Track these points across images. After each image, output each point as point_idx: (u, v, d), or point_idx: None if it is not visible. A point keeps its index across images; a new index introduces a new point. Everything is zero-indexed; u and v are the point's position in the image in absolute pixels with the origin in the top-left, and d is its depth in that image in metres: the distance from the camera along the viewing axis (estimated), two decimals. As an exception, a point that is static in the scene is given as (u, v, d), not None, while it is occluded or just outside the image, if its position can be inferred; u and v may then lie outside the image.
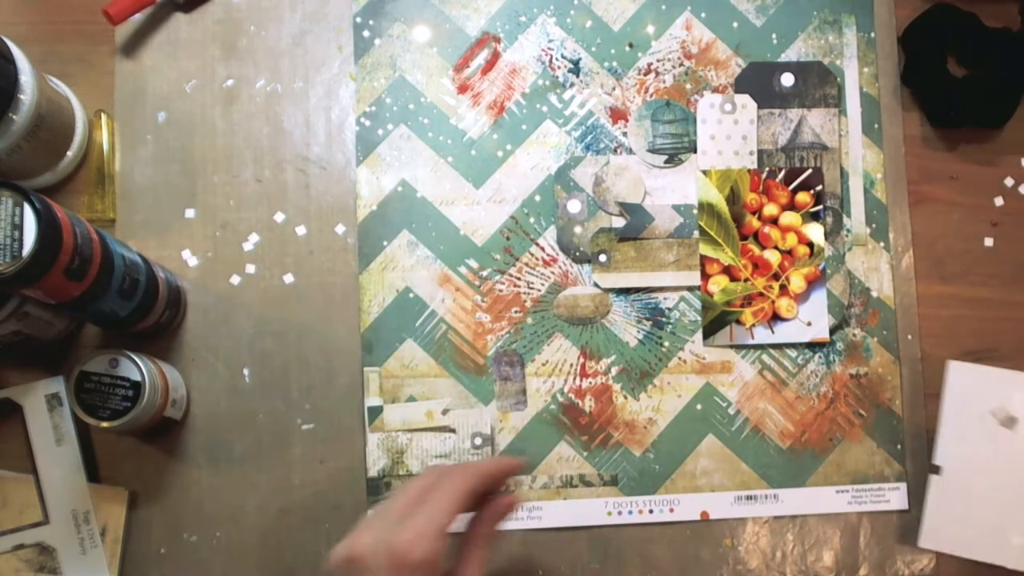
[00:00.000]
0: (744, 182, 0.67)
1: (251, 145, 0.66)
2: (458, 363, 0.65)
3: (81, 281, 0.51)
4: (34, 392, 0.61)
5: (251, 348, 0.64)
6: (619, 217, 0.67)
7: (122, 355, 0.57)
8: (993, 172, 0.70)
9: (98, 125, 0.65)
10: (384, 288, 0.65)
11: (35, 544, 0.60)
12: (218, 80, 0.66)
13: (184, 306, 0.64)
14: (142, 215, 0.65)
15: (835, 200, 0.68)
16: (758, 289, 0.67)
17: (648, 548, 0.64)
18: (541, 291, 0.66)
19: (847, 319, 0.67)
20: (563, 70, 0.68)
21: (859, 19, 0.69)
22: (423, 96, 0.67)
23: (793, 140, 0.68)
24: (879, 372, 0.67)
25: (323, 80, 0.67)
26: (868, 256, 0.68)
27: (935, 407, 0.67)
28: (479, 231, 0.66)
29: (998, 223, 0.69)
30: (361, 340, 0.65)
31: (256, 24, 0.67)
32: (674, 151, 0.68)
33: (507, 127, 0.67)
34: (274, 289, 0.65)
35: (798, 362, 0.66)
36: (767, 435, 0.66)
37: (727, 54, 0.68)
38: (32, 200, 0.47)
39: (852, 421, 0.66)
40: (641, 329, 0.66)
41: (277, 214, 0.66)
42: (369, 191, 0.66)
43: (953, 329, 0.68)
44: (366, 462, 0.64)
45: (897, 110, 0.69)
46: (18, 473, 0.61)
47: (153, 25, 0.67)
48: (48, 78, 0.62)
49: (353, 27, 0.67)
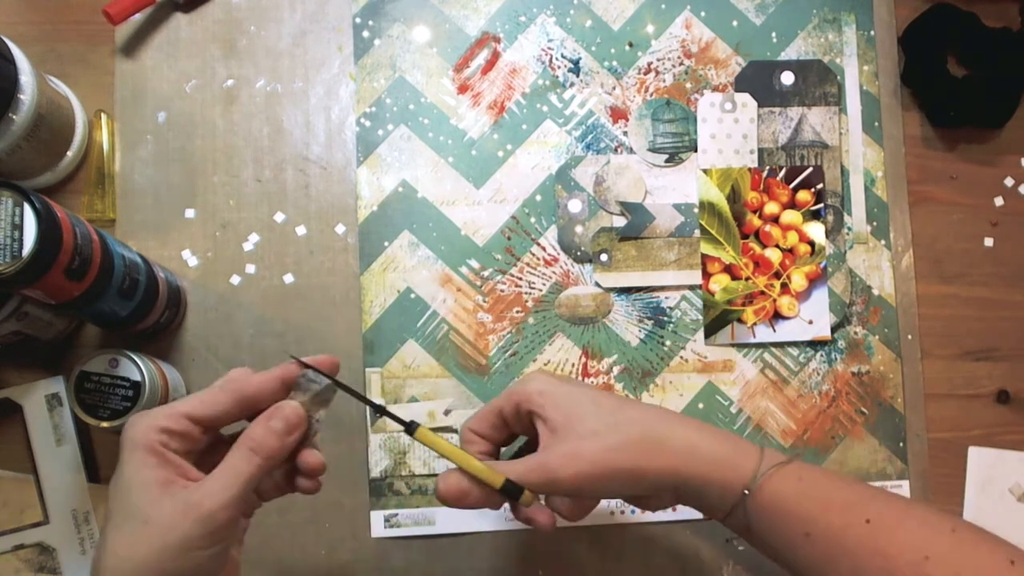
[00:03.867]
0: (745, 181, 0.67)
1: (251, 145, 0.66)
2: (460, 363, 0.65)
3: (81, 281, 0.51)
4: (34, 392, 0.61)
5: (251, 348, 0.64)
6: (620, 216, 0.67)
7: (122, 355, 0.56)
8: (993, 172, 0.70)
9: (98, 125, 0.65)
10: (385, 289, 0.65)
11: (35, 544, 0.60)
12: (218, 80, 0.66)
13: (184, 306, 0.64)
14: (142, 215, 0.65)
15: (836, 198, 0.68)
16: (759, 288, 0.66)
17: (649, 548, 0.64)
18: (542, 291, 0.66)
19: (848, 317, 0.67)
20: (563, 70, 0.68)
21: (859, 17, 0.69)
22: (423, 96, 0.67)
23: (793, 138, 0.68)
24: (881, 370, 0.67)
25: (323, 80, 0.67)
26: (869, 254, 0.68)
27: (935, 407, 0.67)
28: (480, 231, 0.66)
29: (998, 223, 0.69)
30: (363, 341, 0.65)
31: (256, 24, 0.67)
32: (675, 150, 0.68)
33: (507, 127, 0.67)
34: (274, 289, 0.65)
35: (800, 360, 0.66)
36: (769, 433, 0.66)
37: (727, 53, 0.69)
38: (32, 200, 0.47)
39: (854, 419, 0.66)
40: (643, 328, 0.66)
41: (277, 214, 0.65)
42: (370, 191, 0.66)
43: (953, 329, 0.68)
44: (368, 463, 0.63)
45: (897, 110, 0.69)
46: (18, 473, 0.61)
47: (153, 25, 0.67)
48: (48, 78, 0.62)
49: (353, 27, 0.67)
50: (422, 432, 0.49)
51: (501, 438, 0.53)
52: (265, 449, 0.43)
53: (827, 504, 0.47)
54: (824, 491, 0.48)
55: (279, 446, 0.43)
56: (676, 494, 0.49)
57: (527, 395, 0.50)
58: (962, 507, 0.66)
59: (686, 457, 0.48)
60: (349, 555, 0.63)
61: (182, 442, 0.43)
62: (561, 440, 0.48)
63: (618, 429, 0.48)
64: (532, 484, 0.48)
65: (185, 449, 0.43)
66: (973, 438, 0.67)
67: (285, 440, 0.44)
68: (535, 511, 0.50)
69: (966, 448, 0.67)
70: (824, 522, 0.46)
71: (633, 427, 0.48)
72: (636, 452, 0.47)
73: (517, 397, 0.50)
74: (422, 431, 0.49)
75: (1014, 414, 0.67)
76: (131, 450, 0.42)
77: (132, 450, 0.42)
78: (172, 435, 0.42)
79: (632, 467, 0.47)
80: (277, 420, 0.44)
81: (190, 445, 0.44)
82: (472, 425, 0.52)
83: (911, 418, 0.67)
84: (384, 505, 0.63)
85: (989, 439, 0.67)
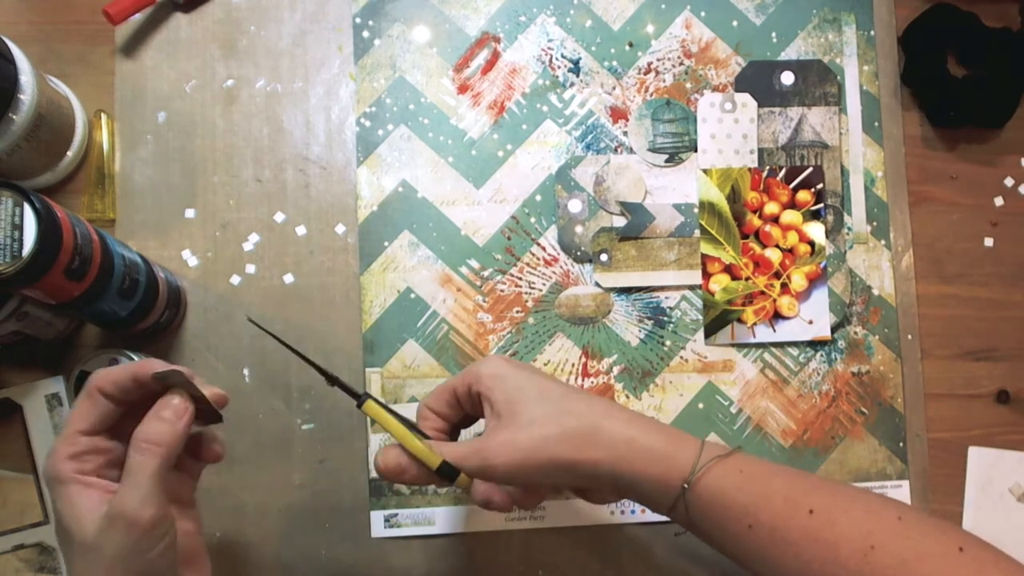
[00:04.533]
0: (745, 181, 0.67)
1: (251, 145, 0.66)
2: (460, 364, 0.65)
3: (81, 281, 0.51)
4: (34, 392, 0.61)
5: (251, 348, 0.64)
6: (620, 216, 0.67)
7: (122, 355, 0.56)
8: (993, 172, 0.70)
9: (98, 125, 0.65)
10: (385, 289, 0.65)
11: (35, 544, 0.60)
12: (218, 80, 0.66)
13: (184, 306, 0.64)
14: (142, 215, 0.65)
15: (836, 198, 0.68)
16: (759, 288, 0.66)
17: (649, 548, 0.64)
18: (542, 291, 0.66)
19: (848, 317, 0.67)
20: (563, 70, 0.68)
21: (859, 17, 0.69)
22: (423, 96, 0.67)
23: (793, 138, 0.68)
24: (881, 370, 0.67)
25: (323, 80, 0.67)
26: (869, 254, 0.68)
27: (935, 407, 0.67)
28: (480, 231, 0.66)
29: (998, 223, 0.69)
30: (363, 341, 0.65)
31: (256, 24, 0.67)
32: (675, 150, 0.68)
33: (507, 127, 0.67)
34: (274, 289, 0.65)
35: (800, 360, 0.66)
36: (769, 433, 0.66)
37: (727, 53, 0.69)
38: (32, 200, 0.47)
39: (854, 419, 0.66)
40: (643, 328, 0.66)
41: (277, 214, 0.65)
42: (370, 191, 0.66)
43: (953, 329, 0.68)
44: (368, 463, 0.63)
45: (897, 110, 0.69)
46: (18, 473, 0.61)
47: (153, 25, 0.67)
48: (48, 78, 0.62)
49: (353, 27, 0.67)
50: (370, 405, 0.50)
51: (456, 417, 0.53)
52: (163, 440, 0.43)
53: (769, 495, 0.47)
54: (766, 482, 0.47)
55: (173, 432, 0.43)
56: (615, 487, 0.49)
57: (478, 377, 0.50)
58: (962, 507, 0.66)
59: (622, 450, 0.48)
60: (349, 555, 0.63)
61: (95, 457, 0.44)
62: (502, 427, 0.48)
63: (556, 420, 0.48)
64: (468, 469, 0.49)
65: (105, 461, 0.44)
66: (973, 438, 0.67)
67: (177, 426, 0.44)
68: (491, 490, 0.50)
69: (966, 448, 0.67)
70: (767, 513, 0.46)
71: (571, 418, 0.48)
72: (571, 443, 0.48)
73: (470, 378, 0.51)
74: (370, 404, 0.50)
75: (1014, 414, 0.67)
76: (55, 489, 0.43)
77: (55, 489, 0.43)
78: (80, 457, 0.43)
79: (566, 458, 0.47)
80: (167, 411, 0.44)
81: (104, 455, 0.44)
82: (428, 402, 0.52)
83: (911, 418, 0.67)
84: (384, 505, 0.63)
85: (989, 439, 0.67)
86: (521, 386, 0.49)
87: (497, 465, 0.48)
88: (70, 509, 0.42)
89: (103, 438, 0.44)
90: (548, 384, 0.50)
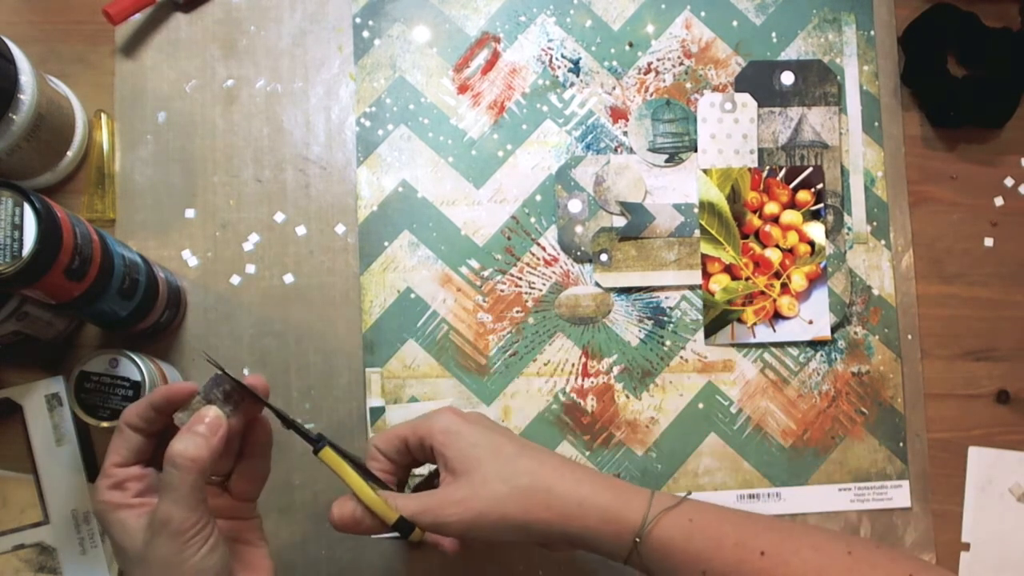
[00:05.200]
0: (745, 181, 0.67)
1: (251, 145, 0.66)
2: (460, 364, 0.65)
3: (81, 281, 0.51)
4: (34, 392, 0.61)
5: (251, 348, 0.64)
6: (620, 216, 0.67)
7: (122, 355, 0.56)
8: (993, 172, 0.70)
9: (98, 125, 0.65)
10: (385, 289, 0.65)
11: (35, 544, 0.60)
12: (218, 80, 0.66)
13: (184, 306, 0.64)
14: (142, 215, 0.65)
15: (836, 198, 0.68)
16: (759, 288, 0.66)
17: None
18: (542, 291, 0.66)
19: (848, 317, 0.67)
20: (563, 70, 0.68)
21: (859, 17, 0.69)
22: (423, 96, 0.67)
23: (793, 138, 0.68)
24: (881, 370, 0.67)
25: (323, 80, 0.67)
26: (869, 254, 0.68)
27: (935, 407, 0.67)
28: (480, 231, 0.66)
29: (998, 223, 0.69)
30: (363, 341, 0.65)
31: (256, 24, 0.67)
32: (675, 150, 0.68)
33: (507, 127, 0.67)
34: (274, 289, 0.65)
35: (800, 360, 0.66)
36: (769, 433, 0.66)
37: (727, 53, 0.69)
38: (32, 200, 0.47)
39: (854, 419, 0.66)
40: (643, 328, 0.66)
41: (277, 214, 0.65)
42: (370, 191, 0.66)
43: (953, 329, 0.68)
44: (367, 462, 0.63)
45: (897, 110, 0.69)
46: (18, 473, 0.61)
47: (153, 25, 0.67)
48: (48, 78, 0.62)
49: (353, 27, 0.67)
50: (326, 453, 0.50)
51: (404, 463, 0.54)
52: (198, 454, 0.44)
53: (720, 541, 0.48)
54: (716, 528, 0.49)
55: (208, 446, 0.44)
56: (569, 543, 0.51)
57: (431, 432, 0.51)
58: (962, 507, 0.66)
59: (573, 510, 0.49)
60: (349, 555, 0.63)
61: (134, 483, 0.45)
62: (457, 485, 0.50)
63: (509, 480, 0.49)
64: (422, 524, 0.50)
65: (143, 486, 0.46)
66: (973, 438, 0.67)
67: (212, 441, 0.45)
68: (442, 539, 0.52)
69: (966, 448, 0.67)
70: (719, 559, 0.48)
71: (524, 478, 0.49)
72: (522, 504, 0.49)
73: (422, 432, 0.51)
74: (327, 452, 0.50)
75: (1014, 414, 0.67)
76: (104, 519, 0.45)
77: (104, 519, 0.45)
78: (120, 486, 0.45)
79: (519, 519, 0.49)
80: (200, 425, 0.45)
81: (142, 480, 0.46)
82: (378, 443, 0.53)
83: (911, 418, 0.67)
84: (384, 505, 0.63)
85: (989, 439, 0.67)
86: (475, 443, 0.50)
87: (451, 523, 0.49)
88: (120, 528, 0.44)
89: (139, 467, 0.46)
90: (501, 441, 0.51)
